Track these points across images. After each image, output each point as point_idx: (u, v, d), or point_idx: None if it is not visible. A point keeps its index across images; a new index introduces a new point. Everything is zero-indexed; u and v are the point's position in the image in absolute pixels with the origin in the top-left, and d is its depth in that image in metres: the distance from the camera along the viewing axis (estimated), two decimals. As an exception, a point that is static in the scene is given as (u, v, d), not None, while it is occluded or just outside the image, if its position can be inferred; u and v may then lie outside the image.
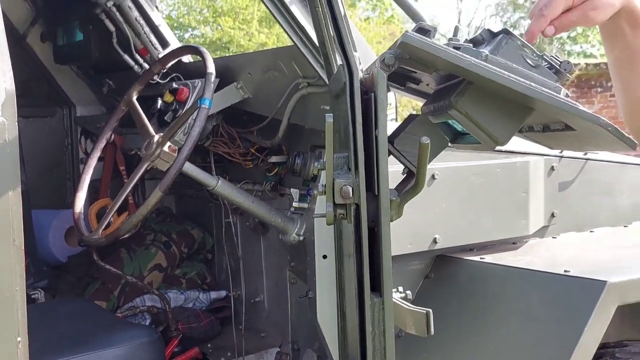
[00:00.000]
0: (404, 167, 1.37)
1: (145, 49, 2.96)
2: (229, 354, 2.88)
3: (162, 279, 3.13)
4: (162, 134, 2.32)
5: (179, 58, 2.78)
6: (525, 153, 2.44)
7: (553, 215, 2.55)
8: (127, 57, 2.94)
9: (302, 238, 2.28)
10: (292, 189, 2.36)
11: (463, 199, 2.35)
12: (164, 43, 2.96)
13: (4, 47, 1.45)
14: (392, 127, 1.39)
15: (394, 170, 1.38)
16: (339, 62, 1.55)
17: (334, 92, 1.67)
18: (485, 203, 2.38)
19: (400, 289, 1.62)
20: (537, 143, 1.40)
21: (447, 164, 2.29)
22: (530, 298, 2.14)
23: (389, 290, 1.40)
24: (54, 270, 3.24)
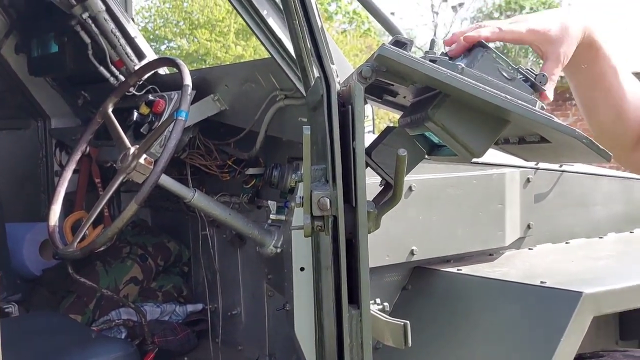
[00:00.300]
0: (382, 179, 1.37)
1: (121, 61, 2.94)
2: (206, 368, 2.87)
3: (138, 292, 3.11)
4: (138, 146, 2.30)
5: (155, 70, 2.77)
6: (501, 165, 2.46)
7: (529, 227, 2.57)
8: (102, 69, 2.92)
9: (279, 250, 2.27)
10: (269, 201, 2.36)
11: (440, 211, 2.36)
12: (140, 55, 2.94)
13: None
14: (369, 139, 1.39)
15: (372, 182, 1.38)
16: (316, 74, 1.55)
17: (312, 104, 1.67)
18: (462, 214, 2.39)
19: (378, 301, 1.62)
20: (513, 155, 1.40)
21: (424, 176, 2.30)
22: (507, 309, 2.14)
23: (367, 302, 1.39)
24: (28, 284, 3.21)
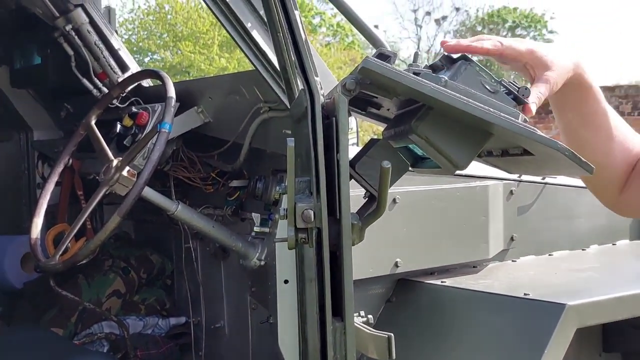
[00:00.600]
0: (366, 191, 1.37)
1: (105, 73, 2.93)
2: (189, 381, 2.85)
3: (120, 305, 3.08)
4: (121, 159, 2.30)
5: (139, 82, 2.76)
6: (485, 177, 2.47)
7: (512, 239, 2.58)
8: (85, 81, 2.91)
9: (263, 263, 2.26)
10: (253, 214, 2.35)
11: (424, 223, 2.36)
12: (124, 67, 2.93)
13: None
14: (353, 151, 1.39)
15: (356, 195, 1.38)
16: (300, 86, 1.55)
17: (296, 116, 1.67)
18: (446, 227, 2.40)
19: (362, 313, 1.62)
20: (496, 167, 1.41)
21: (408, 188, 2.31)
22: (491, 321, 2.15)
23: (351, 315, 1.39)
24: (9, 297, 3.18)
